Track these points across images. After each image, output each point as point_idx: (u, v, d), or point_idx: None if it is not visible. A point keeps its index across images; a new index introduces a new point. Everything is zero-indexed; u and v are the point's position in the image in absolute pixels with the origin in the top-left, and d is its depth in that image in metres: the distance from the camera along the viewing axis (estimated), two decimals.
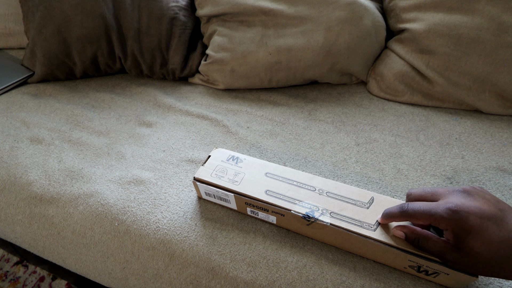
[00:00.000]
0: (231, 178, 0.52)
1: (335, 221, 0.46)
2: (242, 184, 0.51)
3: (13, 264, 1.14)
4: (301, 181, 0.51)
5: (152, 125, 0.76)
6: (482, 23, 0.70)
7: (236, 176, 0.53)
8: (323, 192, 0.50)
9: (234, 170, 0.54)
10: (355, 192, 0.49)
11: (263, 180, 0.52)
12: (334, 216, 0.46)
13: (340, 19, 0.77)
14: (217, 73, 0.84)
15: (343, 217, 0.46)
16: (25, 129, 0.74)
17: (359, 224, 0.45)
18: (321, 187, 0.50)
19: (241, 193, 0.51)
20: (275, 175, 0.53)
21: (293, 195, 0.49)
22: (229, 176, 0.53)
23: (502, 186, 0.58)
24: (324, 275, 0.48)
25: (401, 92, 0.80)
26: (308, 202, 0.48)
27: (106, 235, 0.57)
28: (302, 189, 0.50)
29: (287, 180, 0.52)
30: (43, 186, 0.62)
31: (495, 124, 0.72)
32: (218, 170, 0.54)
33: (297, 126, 0.74)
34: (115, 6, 0.84)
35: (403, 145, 0.68)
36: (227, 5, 0.82)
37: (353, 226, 0.45)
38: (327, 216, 0.46)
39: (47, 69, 0.86)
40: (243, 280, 0.49)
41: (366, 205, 0.48)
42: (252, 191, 0.50)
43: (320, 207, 0.48)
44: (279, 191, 0.50)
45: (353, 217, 0.46)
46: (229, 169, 0.54)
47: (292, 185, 0.51)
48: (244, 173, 0.53)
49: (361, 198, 0.49)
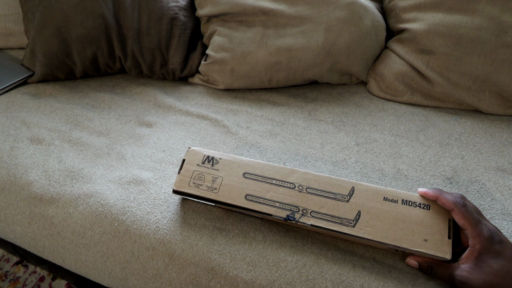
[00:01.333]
0: (209, 186, 0.51)
1: (316, 221, 0.47)
2: (221, 191, 0.50)
3: (13, 264, 1.14)
4: (280, 178, 0.50)
5: (152, 125, 0.76)
6: (482, 23, 0.70)
7: (214, 182, 0.51)
8: (303, 189, 0.49)
9: (211, 175, 0.52)
10: (336, 183, 0.49)
11: (242, 183, 0.51)
12: (315, 216, 0.47)
13: (340, 19, 0.77)
14: (217, 73, 0.84)
15: (323, 216, 0.47)
16: (25, 129, 0.74)
17: (339, 222, 0.46)
18: (301, 182, 0.50)
19: (221, 201, 0.50)
20: (253, 174, 0.51)
21: (273, 197, 0.49)
22: (207, 183, 0.51)
23: (502, 186, 0.58)
24: (323, 275, 0.48)
25: (401, 92, 0.80)
26: (288, 203, 0.48)
27: (106, 235, 0.57)
28: (282, 188, 0.50)
29: (266, 179, 0.51)
30: (43, 186, 0.62)
31: (495, 124, 0.72)
32: (195, 177, 0.52)
33: (297, 126, 0.74)
34: (115, 6, 0.84)
35: (403, 145, 0.68)
36: (227, 5, 0.82)
37: (333, 225, 0.46)
38: (307, 217, 0.47)
39: (47, 69, 0.86)
40: (243, 280, 0.49)
41: (346, 198, 0.48)
42: (232, 198, 0.50)
43: (301, 208, 0.48)
44: (259, 194, 0.50)
45: (333, 214, 0.47)
46: (206, 175, 0.52)
47: (272, 184, 0.50)
48: (222, 177, 0.52)
49: (342, 190, 0.49)
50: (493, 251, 0.40)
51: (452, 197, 0.43)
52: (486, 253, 0.40)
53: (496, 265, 0.39)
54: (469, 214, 0.42)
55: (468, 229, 0.42)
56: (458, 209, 0.42)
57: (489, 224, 0.42)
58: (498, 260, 0.39)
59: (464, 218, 0.42)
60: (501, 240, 0.40)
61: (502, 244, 0.40)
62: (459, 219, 0.42)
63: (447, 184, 0.59)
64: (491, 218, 0.53)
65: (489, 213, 0.54)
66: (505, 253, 0.39)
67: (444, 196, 0.44)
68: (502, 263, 0.39)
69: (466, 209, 0.42)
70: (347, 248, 0.51)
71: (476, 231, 0.41)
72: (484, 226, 0.41)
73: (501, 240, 0.40)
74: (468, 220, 0.42)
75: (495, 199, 0.56)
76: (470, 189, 0.58)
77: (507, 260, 0.39)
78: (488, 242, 0.40)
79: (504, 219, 0.53)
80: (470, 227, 0.41)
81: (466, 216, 0.42)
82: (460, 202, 0.43)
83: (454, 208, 0.43)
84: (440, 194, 0.45)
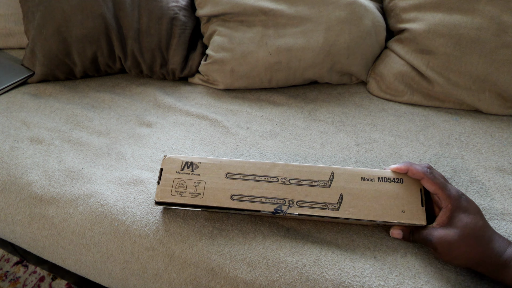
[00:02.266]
0: (192, 192, 0.50)
1: (303, 210, 0.48)
2: (206, 196, 0.50)
3: (13, 264, 1.14)
4: (262, 174, 0.51)
5: (152, 125, 0.76)
6: (482, 23, 0.70)
7: (197, 188, 0.51)
8: (286, 181, 0.51)
9: (193, 181, 0.51)
10: (316, 171, 0.51)
11: (226, 184, 0.51)
12: (301, 205, 0.49)
13: (340, 19, 0.77)
14: (217, 73, 0.84)
15: (308, 204, 0.49)
16: (25, 129, 0.74)
17: (324, 207, 0.49)
18: (283, 175, 0.51)
19: (208, 205, 0.50)
20: (235, 174, 0.52)
21: (259, 193, 0.50)
22: (190, 189, 0.51)
23: (502, 187, 0.58)
24: (323, 275, 0.48)
25: (401, 92, 0.80)
26: (274, 197, 0.49)
27: (106, 236, 0.57)
28: (266, 183, 0.50)
29: (249, 176, 0.51)
30: (43, 187, 0.62)
31: (495, 124, 0.72)
32: (177, 185, 0.51)
33: (297, 127, 0.74)
34: (115, 6, 0.84)
35: (402, 145, 0.68)
36: (227, 5, 0.82)
37: (319, 211, 0.48)
38: (294, 207, 0.49)
39: (47, 69, 0.86)
40: (243, 280, 0.49)
41: (328, 183, 0.50)
42: (218, 200, 0.50)
43: (286, 199, 0.49)
44: (244, 192, 0.50)
45: (318, 201, 0.49)
46: (187, 181, 0.51)
47: (255, 180, 0.51)
48: (204, 181, 0.51)
49: (322, 176, 0.51)
50: (462, 207, 0.45)
51: (420, 167, 0.48)
52: (457, 210, 0.45)
53: (466, 219, 0.45)
54: (437, 179, 0.47)
55: (439, 192, 0.47)
56: (427, 176, 0.47)
57: (454, 187, 0.48)
58: (467, 215, 0.45)
59: (433, 184, 0.47)
60: (468, 199, 0.47)
61: (469, 202, 0.46)
62: (429, 186, 0.47)
63: None
64: (490, 218, 0.53)
65: (488, 213, 0.54)
66: (471, 208, 0.46)
67: (413, 167, 0.49)
68: (471, 216, 0.45)
69: (434, 176, 0.48)
70: (347, 248, 0.51)
71: (446, 193, 0.46)
72: (451, 188, 0.47)
73: (468, 199, 0.47)
74: (437, 185, 0.47)
75: (495, 199, 0.56)
76: (470, 189, 0.58)
77: (473, 213, 0.45)
78: (458, 200, 0.46)
79: (503, 219, 0.53)
80: (440, 190, 0.47)
81: (435, 181, 0.47)
82: (428, 170, 0.48)
83: (423, 176, 0.48)
84: (410, 166, 0.49)
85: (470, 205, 0.46)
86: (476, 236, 0.44)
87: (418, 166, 0.49)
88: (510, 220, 0.53)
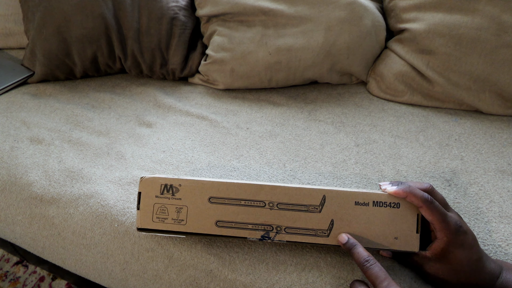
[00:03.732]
0: (175, 218, 0.48)
1: (291, 237, 0.46)
2: (189, 222, 0.48)
3: (13, 264, 1.14)
4: (248, 198, 0.48)
5: (152, 125, 0.76)
6: (482, 23, 0.70)
7: (180, 213, 0.48)
8: (274, 206, 0.47)
9: (174, 206, 0.48)
10: (306, 194, 0.47)
11: (209, 209, 0.48)
12: (289, 232, 0.46)
13: (340, 19, 0.77)
14: (217, 73, 0.84)
15: (297, 230, 0.46)
16: (25, 129, 0.74)
17: (313, 233, 0.46)
18: (270, 199, 0.47)
19: (192, 232, 0.48)
20: (219, 198, 0.48)
21: (244, 219, 0.47)
22: (172, 215, 0.48)
23: (501, 188, 0.58)
24: (323, 278, 0.48)
25: (401, 92, 0.79)
26: (261, 223, 0.47)
27: (106, 236, 0.57)
28: (252, 208, 0.47)
29: (233, 200, 0.48)
30: (44, 187, 0.62)
31: (495, 124, 0.72)
32: (158, 211, 0.48)
33: (297, 127, 0.74)
34: (115, 6, 0.83)
35: (402, 146, 0.68)
36: (227, 5, 0.82)
37: (308, 237, 0.46)
38: (282, 234, 0.46)
39: (47, 69, 0.86)
40: (242, 283, 0.49)
41: (318, 208, 0.47)
42: (202, 227, 0.47)
43: (274, 226, 0.47)
44: (229, 218, 0.47)
45: (307, 227, 0.46)
46: (168, 207, 0.48)
47: (241, 206, 0.47)
48: (187, 206, 0.48)
49: (313, 200, 0.47)
50: (458, 241, 0.43)
51: (420, 195, 0.45)
52: (452, 244, 0.43)
53: (461, 255, 0.43)
54: (436, 210, 0.44)
55: (436, 224, 0.44)
56: (427, 206, 0.44)
57: (454, 216, 0.45)
58: (462, 250, 0.43)
59: (432, 214, 0.44)
60: (465, 231, 0.44)
61: (466, 234, 0.44)
62: (428, 216, 0.45)
63: (446, 187, 0.59)
64: (488, 221, 0.53)
65: (486, 216, 0.54)
66: (468, 242, 0.43)
67: (413, 193, 0.46)
68: (466, 251, 0.43)
69: (434, 205, 0.44)
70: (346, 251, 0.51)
71: (443, 225, 0.44)
72: (450, 220, 0.44)
73: (465, 231, 0.44)
74: (435, 216, 0.44)
75: (494, 201, 0.56)
76: (469, 191, 0.58)
77: (469, 248, 0.43)
78: (454, 234, 0.43)
79: (501, 221, 0.53)
80: (437, 222, 0.44)
81: (434, 212, 0.44)
82: (428, 199, 0.45)
83: (422, 205, 0.45)
84: (409, 191, 0.46)
85: (467, 238, 0.44)
86: (469, 270, 0.43)
87: (418, 192, 0.45)
88: (508, 223, 0.53)
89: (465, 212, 0.55)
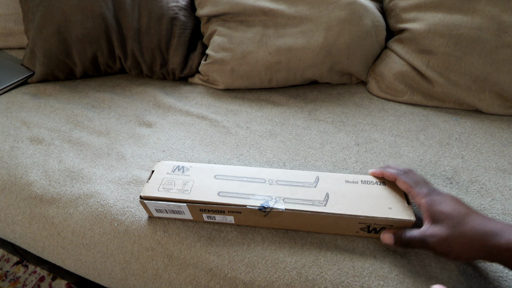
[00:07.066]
0: (180, 189, 0.51)
1: (289, 206, 0.49)
2: (193, 192, 0.51)
3: (13, 264, 1.14)
4: (250, 176, 0.53)
5: (152, 125, 0.76)
6: (482, 23, 0.70)
7: (185, 185, 0.52)
8: (273, 182, 0.52)
9: (182, 180, 0.53)
10: (302, 175, 0.54)
11: (214, 183, 0.52)
12: (287, 201, 0.49)
13: (340, 19, 0.77)
14: (217, 73, 0.84)
15: (295, 200, 0.50)
16: (25, 129, 0.74)
17: (311, 203, 0.49)
18: (270, 177, 0.53)
19: (194, 200, 0.50)
20: (224, 175, 0.54)
21: (246, 191, 0.51)
22: (177, 186, 0.52)
23: (502, 187, 0.58)
24: (323, 275, 0.48)
25: (401, 92, 0.79)
26: (261, 194, 0.50)
27: (105, 236, 0.57)
28: (253, 183, 0.52)
29: (237, 178, 0.53)
30: (43, 187, 0.62)
31: (495, 124, 0.72)
32: (165, 183, 0.53)
33: (297, 126, 0.74)
34: (115, 6, 0.84)
35: (403, 145, 0.67)
36: (227, 5, 0.82)
37: (306, 206, 0.49)
38: (281, 203, 0.49)
39: (47, 69, 0.86)
40: (242, 281, 0.49)
41: (313, 184, 0.52)
42: (204, 196, 0.50)
43: (273, 196, 0.50)
44: (231, 190, 0.51)
45: (304, 198, 0.50)
46: (176, 180, 0.53)
47: (243, 181, 0.52)
48: (193, 180, 0.53)
49: (308, 179, 0.53)
50: (437, 201, 0.45)
51: (393, 171, 0.50)
52: (432, 205, 0.45)
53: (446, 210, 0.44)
54: (408, 178, 0.48)
55: (410, 191, 0.47)
56: (399, 176, 0.48)
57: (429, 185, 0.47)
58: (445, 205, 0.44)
59: (404, 183, 0.48)
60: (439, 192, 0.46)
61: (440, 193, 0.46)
62: (402, 185, 0.48)
63: (447, 184, 0.59)
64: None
65: (489, 213, 0.54)
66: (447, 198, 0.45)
67: (387, 170, 0.51)
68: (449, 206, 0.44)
69: (406, 175, 0.48)
70: (346, 248, 0.51)
71: (417, 191, 0.46)
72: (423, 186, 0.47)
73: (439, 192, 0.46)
74: (407, 183, 0.47)
75: (496, 199, 0.56)
76: (471, 189, 0.58)
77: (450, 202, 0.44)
78: (429, 195, 0.45)
79: (504, 219, 0.53)
80: (410, 188, 0.47)
81: (406, 181, 0.48)
82: (400, 171, 0.49)
83: (396, 177, 0.49)
84: (384, 170, 0.51)
85: (444, 196, 0.45)
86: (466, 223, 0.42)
87: (391, 169, 0.50)
88: (511, 221, 0.53)
89: None
